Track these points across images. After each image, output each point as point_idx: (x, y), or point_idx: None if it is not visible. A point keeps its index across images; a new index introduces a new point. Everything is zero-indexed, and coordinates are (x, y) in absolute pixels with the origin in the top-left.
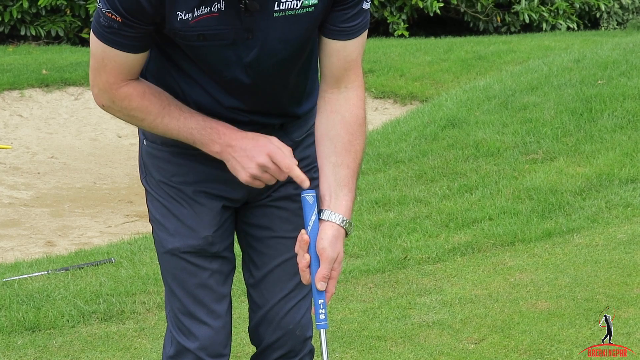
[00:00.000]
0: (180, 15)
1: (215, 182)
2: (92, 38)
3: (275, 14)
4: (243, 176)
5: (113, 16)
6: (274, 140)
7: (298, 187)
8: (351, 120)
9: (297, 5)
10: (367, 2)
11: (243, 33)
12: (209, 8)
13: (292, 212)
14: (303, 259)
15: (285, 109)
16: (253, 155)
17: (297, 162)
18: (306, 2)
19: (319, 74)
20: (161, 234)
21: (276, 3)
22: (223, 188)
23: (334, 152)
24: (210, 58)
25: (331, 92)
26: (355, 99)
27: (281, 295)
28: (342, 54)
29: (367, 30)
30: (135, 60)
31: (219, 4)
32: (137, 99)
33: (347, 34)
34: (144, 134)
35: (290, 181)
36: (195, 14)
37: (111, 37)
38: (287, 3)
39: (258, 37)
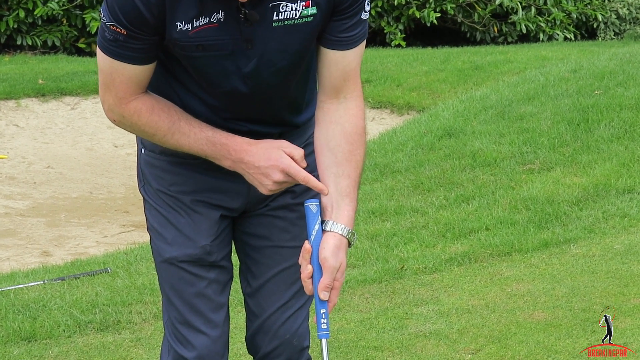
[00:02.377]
0: (180, 25)
1: (213, 192)
2: (99, 54)
3: (274, 24)
4: (263, 191)
5: (117, 29)
6: (285, 146)
7: (296, 197)
8: (351, 131)
9: (296, 15)
10: (365, 12)
11: (242, 43)
12: (208, 19)
13: (290, 221)
14: (305, 269)
15: (284, 118)
16: (268, 173)
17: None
18: (305, 12)
19: (316, 83)
20: (159, 243)
21: (275, 13)
22: (221, 197)
23: (335, 162)
24: (209, 69)
25: (330, 103)
26: (354, 109)
27: (278, 305)
28: (340, 64)
29: (365, 41)
30: (143, 72)
31: (218, 15)
32: (147, 114)
33: (345, 44)
34: (142, 143)
35: (288, 191)
36: (194, 25)
37: (118, 51)
38: (286, 13)
39: (257, 47)
